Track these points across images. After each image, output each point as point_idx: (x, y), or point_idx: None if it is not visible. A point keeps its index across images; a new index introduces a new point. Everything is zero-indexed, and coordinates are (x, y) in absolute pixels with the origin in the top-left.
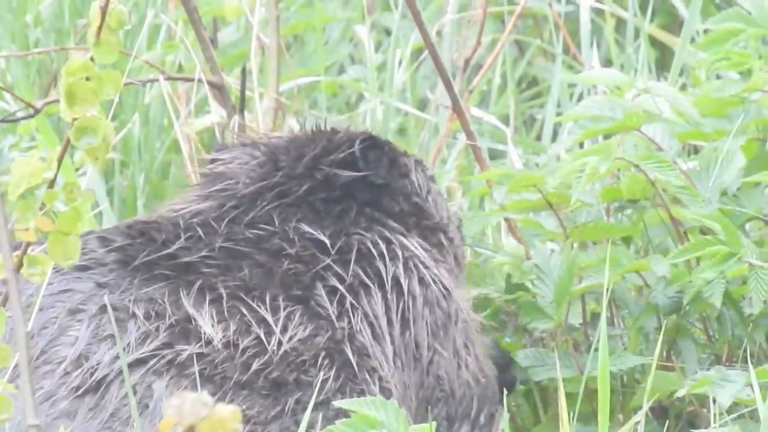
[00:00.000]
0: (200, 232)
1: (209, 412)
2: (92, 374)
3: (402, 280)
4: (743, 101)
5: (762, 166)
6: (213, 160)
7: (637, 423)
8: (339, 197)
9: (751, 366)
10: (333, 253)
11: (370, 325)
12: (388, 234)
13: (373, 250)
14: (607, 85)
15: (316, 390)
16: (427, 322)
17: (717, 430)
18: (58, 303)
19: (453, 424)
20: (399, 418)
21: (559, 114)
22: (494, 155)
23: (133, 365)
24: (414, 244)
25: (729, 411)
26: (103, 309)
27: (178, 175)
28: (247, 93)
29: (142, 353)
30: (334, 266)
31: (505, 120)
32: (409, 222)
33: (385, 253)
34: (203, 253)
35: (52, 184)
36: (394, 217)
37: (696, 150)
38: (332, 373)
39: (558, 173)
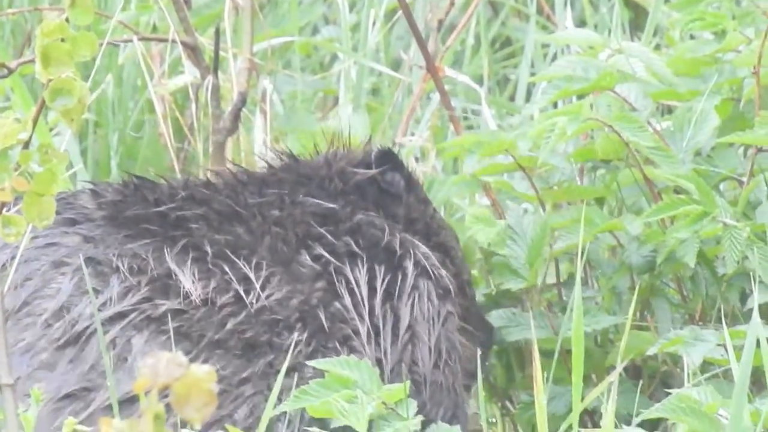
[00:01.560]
0: (200, 195)
1: (184, 372)
2: (73, 326)
3: (396, 252)
4: (717, 61)
5: (736, 127)
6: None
7: (611, 383)
8: (350, 191)
9: (725, 325)
10: (325, 223)
11: (351, 291)
12: (388, 225)
13: (375, 222)
14: (580, 46)
15: (289, 354)
16: (413, 303)
17: (690, 390)
18: (44, 256)
19: (423, 411)
20: (372, 378)
21: (533, 74)
22: (468, 116)
23: (115, 318)
24: (418, 242)
25: (703, 371)
26: (87, 262)
27: (152, 135)
28: (221, 53)
29: (123, 307)
30: (327, 236)
31: (479, 80)
32: (417, 229)
33: (386, 230)
34: (195, 211)
35: (27, 145)
36: (400, 220)
37: (670, 110)
38: (304, 337)
39: (528, 134)
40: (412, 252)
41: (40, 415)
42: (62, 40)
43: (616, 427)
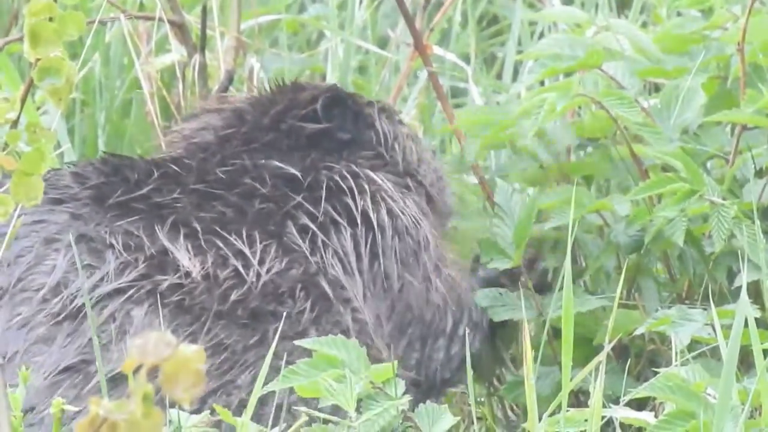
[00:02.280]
0: (174, 169)
1: (173, 352)
2: (72, 301)
3: (371, 214)
4: (704, 39)
5: (723, 104)
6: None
7: (599, 362)
8: (305, 146)
9: (712, 304)
10: (303, 189)
11: (340, 261)
12: (355, 168)
13: (342, 184)
14: (567, 23)
15: (292, 320)
16: (396, 252)
17: (678, 369)
18: (33, 233)
19: (426, 342)
20: (360, 358)
21: (520, 52)
22: (455, 93)
23: (112, 294)
24: (381, 177)
25: (691, 349)
26: (79, 239)
27: (138, 113)
28: (208, 32)
29: (121, 283)
30: (305, 204)
31: (466, 58)
32: (375, 165)
33: (354, 187)
34: (175, 195)
35: (15, 124)
36: (359, 162)
37: (657, 88)
38: (308, 304)
39: (517, 111)
40: (382, 204)
41: (39, 387)
42: (50, 19)
43: (604, 406)
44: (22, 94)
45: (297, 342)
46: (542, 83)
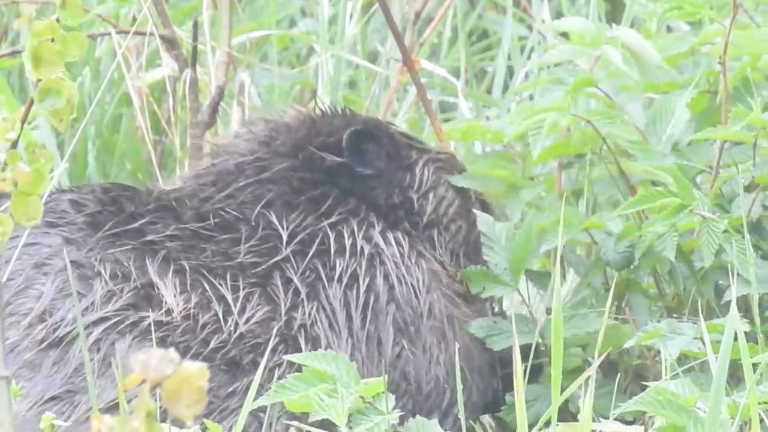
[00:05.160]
0: (172, 204)
1: (175, 369)
2: (55, 330)
3: (361, 277)
4: (694, 52)
5: (713, 119)
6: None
7: (589, 377)
8: (321, 180)
9: (701, 318)
10: (291, 244)
11: (327, 317)
12: (355, 227)
13: (334, 245)
14: (574, 34)
15: (271, 373)
16: (393, 319)
17: (667, 383)
18: (25, 256)
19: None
20: (350, 372)
21: (509, 67)
22: (445, 108)
23: (97, 323)
24: (389, 239)
25: (680, 364)
26: (69, 265)
27: (129, 128)
28: (199, 47)
29: (107, 312)
30: (292, 258)
31: (456, 73)
32: (397, 214)
33: (347, 249)
34: (168, 232)
35: (15, 144)
36: (377, 209)
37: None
38: (286, 359)
39: (518, 125)
40: (379, 269)
41: (26, 417)
42: (52, 40)
43: (594, 421)
44: (23, 114)
45: (286, 357)
46: (531, 98)
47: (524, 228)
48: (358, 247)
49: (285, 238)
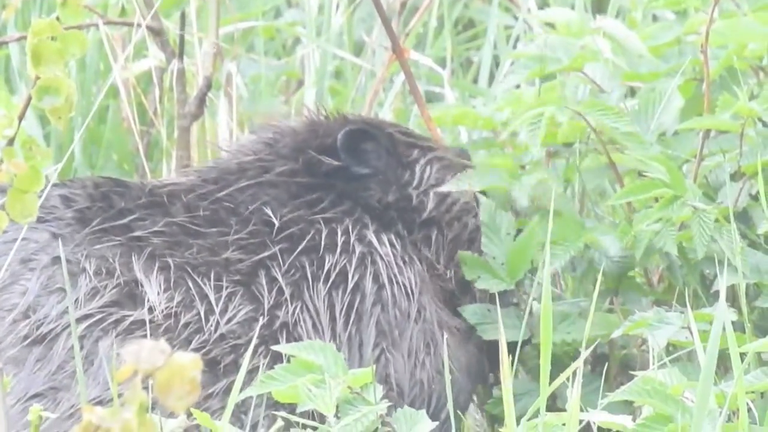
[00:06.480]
0: (163, 200)
1: (167, 360)
2: (38, 327)
3: (350, 275)
4: (680, 42)
5: (699, 108)
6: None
7: (577, 368)
8: (319, 184)
9: (689, 308)
10: (281, 240)
11: (311, 317)
12: (349, 226)
13: (324, 242)
14: (555, 23)
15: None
16: (377, 321)
17: (655, 372)
18: (12, 251)
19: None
20: (338, 363)
21: (496, 56)
22: (431, 98)
23: (81, 320)
24: (382, 239)
25: (668, 353)
26: (55, 261)
27: (115, 119)
28: (186, 37)
29: (90, 309)
30: (279, 255)
31: (442, 62)
32: (390, 215)
33: (339, 246)
34: (156, 228)
35: (11, 141)
36: (371, 209)
37: (632, 91)
38: (266, 360)
39: (514, 124)
40: (369, 269)
41: (9, 414)
42: (53, 38)
43: (581, 411)
44: (21, 111)
45: (274, 347)
46: (518, 86)
47: (526, 232)
48: (350, 245)
49: (275, 230)
